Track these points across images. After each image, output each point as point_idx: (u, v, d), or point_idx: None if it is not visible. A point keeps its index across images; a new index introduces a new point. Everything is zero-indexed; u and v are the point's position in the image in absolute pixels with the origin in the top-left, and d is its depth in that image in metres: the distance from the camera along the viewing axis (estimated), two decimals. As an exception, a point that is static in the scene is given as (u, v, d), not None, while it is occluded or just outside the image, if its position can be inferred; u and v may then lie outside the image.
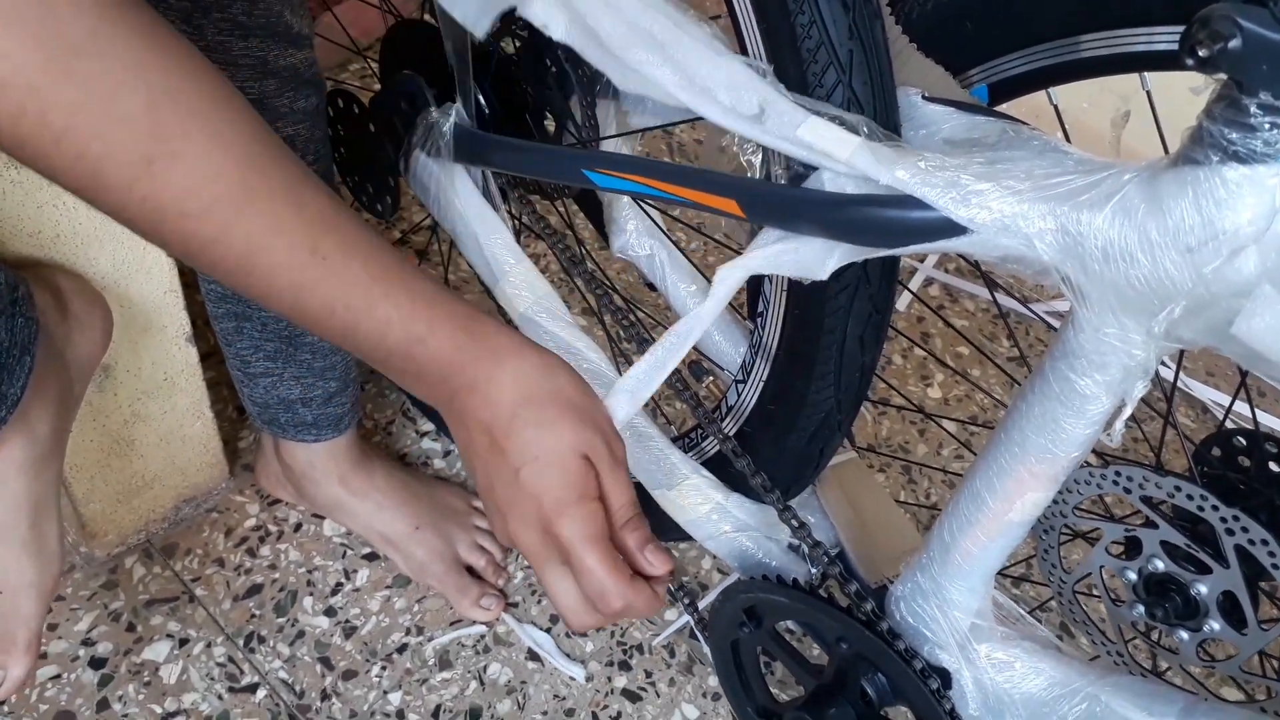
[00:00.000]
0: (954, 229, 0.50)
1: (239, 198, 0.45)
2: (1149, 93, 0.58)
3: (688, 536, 0.81)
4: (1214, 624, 0.61)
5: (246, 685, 0.94)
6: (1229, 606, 0.61)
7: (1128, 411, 0.49)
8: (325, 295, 0.48)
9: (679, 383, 0.73)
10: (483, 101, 0.80)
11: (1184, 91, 0.46)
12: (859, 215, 0.52)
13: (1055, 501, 0.65)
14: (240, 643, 0.97)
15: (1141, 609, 0.65)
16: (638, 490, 0.81)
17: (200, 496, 1.04)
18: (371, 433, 1.15)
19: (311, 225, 0.48)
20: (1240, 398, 0.70)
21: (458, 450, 0.55)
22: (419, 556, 1.02)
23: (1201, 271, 0.43)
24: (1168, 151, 0.47)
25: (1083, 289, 0.48)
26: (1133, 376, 0.49)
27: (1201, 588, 0.61)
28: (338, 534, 1.06)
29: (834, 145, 0.51)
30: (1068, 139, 0.54)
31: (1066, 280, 0.48)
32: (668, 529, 0.82)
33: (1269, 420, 1.31)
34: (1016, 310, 1.39)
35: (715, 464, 0.81)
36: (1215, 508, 0.58)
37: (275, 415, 0.96)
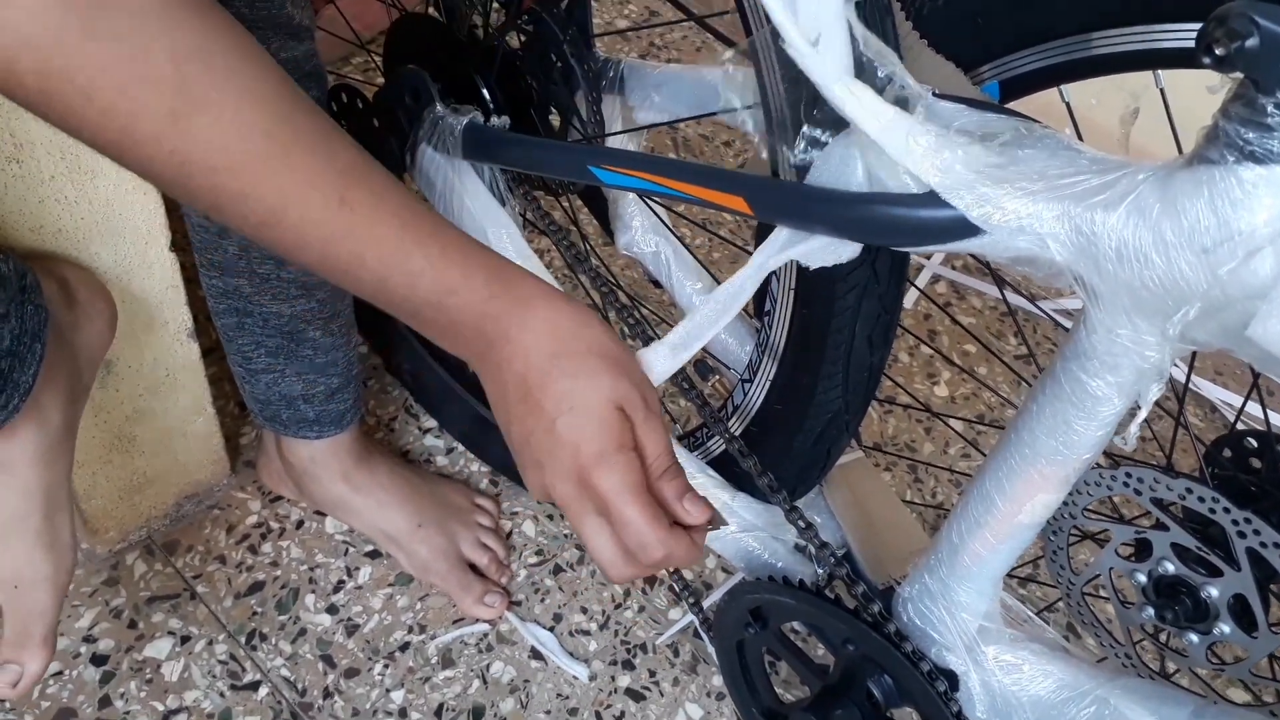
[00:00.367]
0: (968, 229, 0.49)
1: (269, 152, 0.45)
2: (1163, 90, 0.57)
3: (692, 536, 0.80)
4: (1224, 627, 0.61)
5: (248, 683, 0.94)
6: (1240, 609, 0.60)
7: (1143, 414, 0.48)
8: (355, 246, 0.48)
9: (684, 381, 0.72)
10: (487, 97, 0.80)
11: (1194, 89, 0.45)
12: (870, 214, 0.52)
13: (1064, 503, 0.64)
14: (242, 640, 0.96)
15: (1151, 611, 0.64)
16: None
17: (202, 493, 1.04)
18: (374, 429, 1.14)
19: (342, 176, 0.47)
20: (1252, 398, 0.70)
21: (491, 405, 0.54)
22: (421, 554, 1.02)
23: (1217, 273, 0.42)
24: (1180, 150, 0.46)
25: (1096, 290, 0.47)
26: (1146, 378, 0.49)
27: (1212, 590, 0.61)
28: (340, 531, 1.05)
29: (867, 112, 0.50)
30: (1079, 137, 0.53)
31: (1080, 281, 0.47)
32: (672, 528, 0.82)
33: None
34: (1025, 308, 1.39)
35: (721, 463, 0.80)
36: (1227, 510, 0.57)
37: (277, 412, 0.96)
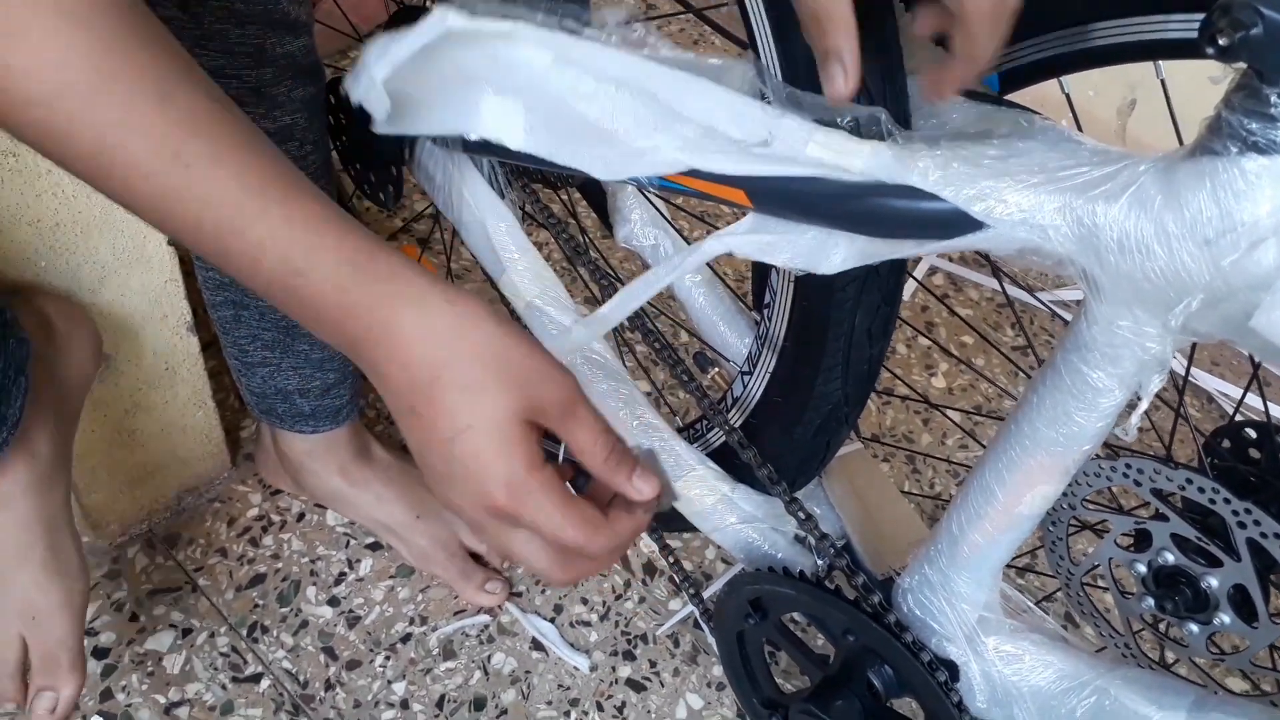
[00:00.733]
0: (970, 223, 0.49)
1: (92, 84, 0.40)
2: (1163, 81, 0.57)
3: (692, 527, 0.80)
4: (1224, 617, 0.61)
5: (250, 675, 0.94)
6: (1240, 599, 0.60)
7: (1143, 406, 0.48)
8: (190, 208, 0.43)
9: (684, 374, 0.72)
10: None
11: (1192, 80, 0.45)
12: (872, 207, 0.51)
13: (1064, 493, 0.64)
14: (244, 633, 0.96)
15: (1151, 601, 0.64)
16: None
17: (202, 486, 1.04)
18: (374, 421, 1.14)
19: (177, 125, 0.42)
20: (1251, 389, 0.70)
21: (390, 411, 0.49)
22: (421, 545, 1.02)
23: (1220, 264, 0.42)
24: (1181, 142, 0.46)
25: (1098, 281, 0.47)
26: (1147, 370, 0.49)
27: (1212, 581, 0.61)
28: (341, 523, 1.05)
29: (846, 157, 0.50)
30: (1079, 128, 0.53)
31: (1082, 273, 0.47)
32: (673, 520, 0.82)
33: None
34: (1022, 299, 1.39)
35: (721, 455, 0.80)
36: (1227, 500, 0.57)
37: (273, 405, 0.96)
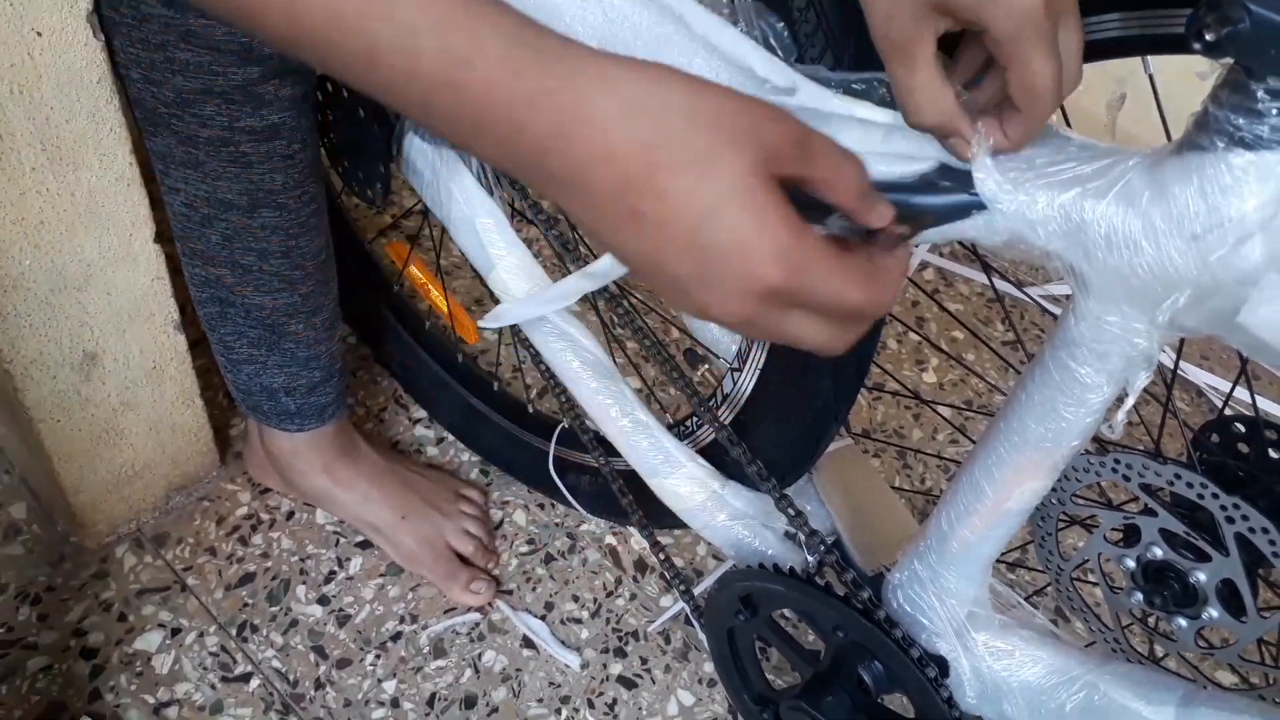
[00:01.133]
0: (959, 213, 0.49)
1: None
2: (1151, 76, 0.57)
3: (684, 524, 0.80)
4: (1213, 611, 0.61)
5: (240, 675, 0.94)
6: (1228, 594, 0.61)
7: (1130, 402, 0.48)
8: None
9: (674, 370, 0.72)
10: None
11: (1181, 75, 0.45)
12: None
13: (1053, 489, 0.64)
14: (233, 632, 0.96)
15: (1140, 596, 0.64)
16: (632, 478, 0.81)
17: (191, 485, 1.03)
18: (363, 419, 1.14)
19: None
20: (1240, 384, 0.70)
21: (585, 234, 0.42)
22: (407, 544, 1.01)
23: (1207, 259, 0.42)
24: (1170, 137, 0.46)
25: (1085, 277, 0.47)
26: (1135, 365, 0.49)
27: (1200, 575, 0.61)
28: (330, 522, 1.05)
29: (872, 113, 0.50)
30: (1068, 123, 0.53)
31: (1069, 268, 0.48)
32: (663, 516, 0.82)
33: (1269, 406, 1.31)
34: (1012, 294, 1.39)
35: (711, 452, 0.80)
36: (1215, 495, 0.57)
37: (258, 403, 0.95)
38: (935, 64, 0.45)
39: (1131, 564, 0.64)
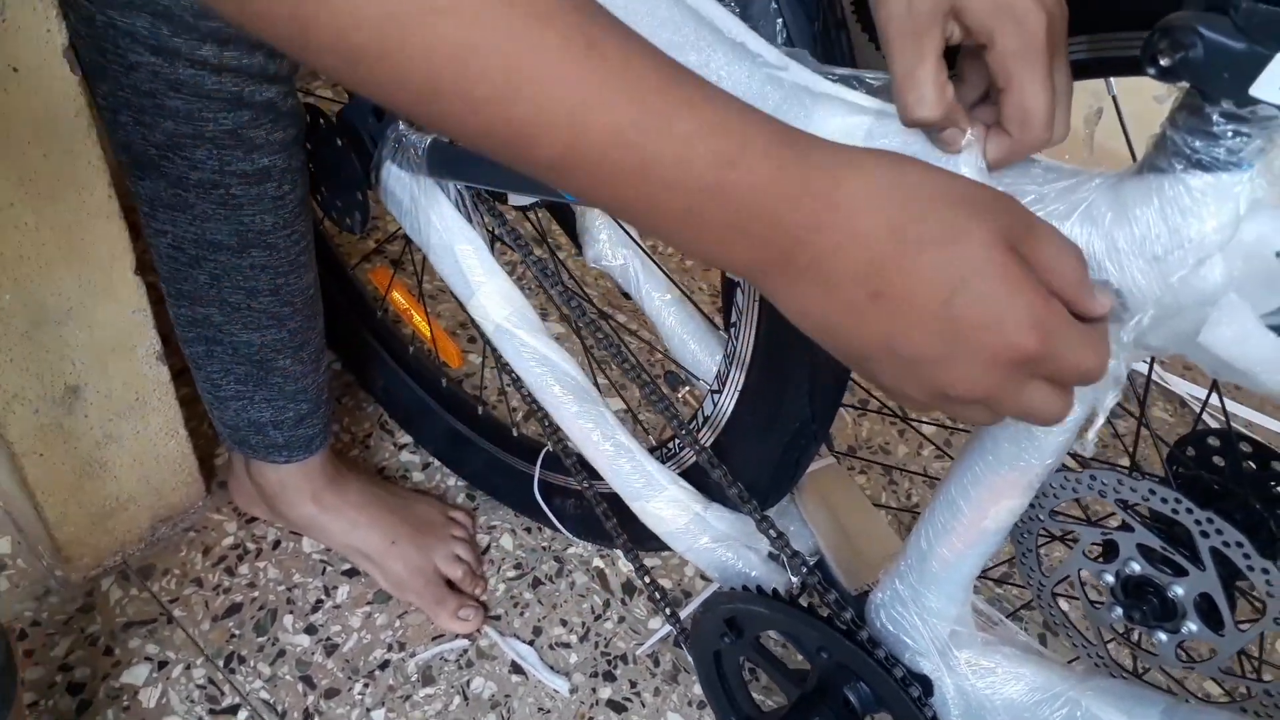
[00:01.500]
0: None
1: None
2: (1115, 98, 0.58)
3: (668, 546, 0.80)
4: (1192, 625, 0.61)
5: (227, 706, 0.93)
6: (1206, 608, 0.61)
7: (1099, 422, 0.49)
8: (611, 111, 0.36)
9: (655, 393, 0.72)
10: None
11: (1155, 94, 0.46)
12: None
13: (1032, 505, 0.65)
14: (220, 663, 0.96)
15: (1119, 611, 0.65)
16: (616, 502, 0.81)
17: (177, 516, 1.03)
18: (349, 446, 1.14)
19: (581, 12, 0.36)
20: (1219, 395, 0.70)
21: (807, 324, 0.42)
22: (396, 571, 1.01)
23: (1168, 280, 0.43)
24: (1135, 158, 0.46)
25: (1052, 298, 0.48)
26: (1104, 385, 0.49)
27: (1178, 589, 0.61)
28: (317, 551, 1.05)
29: (858, 99, 0.51)
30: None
31: (1035, 289, 0.48)
32: (649, 539, 0.82)
33: (1253, 416, 1.32)
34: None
35: (693, 474, 0.80)
36: (1190, 510, 0.58)
37: (245, 437, 0.95)
38: (942, 60, 0.46)
39: (1111, 579, 0.65)
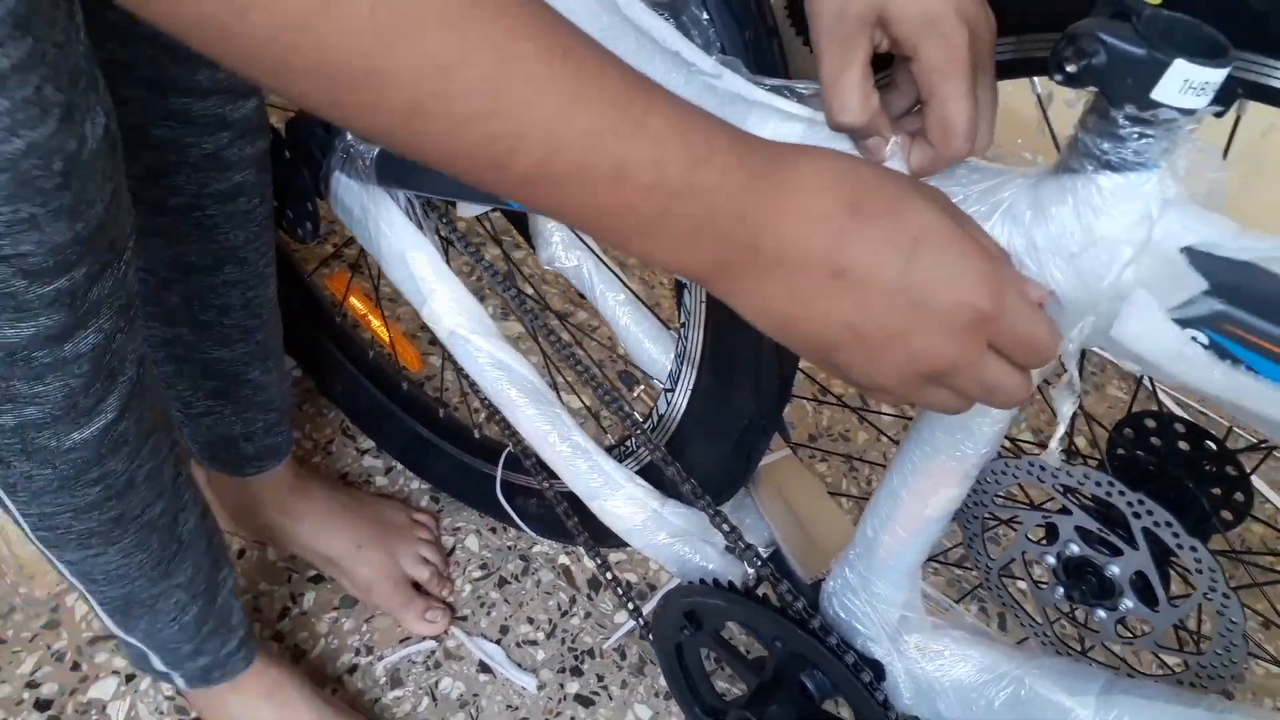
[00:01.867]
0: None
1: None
2: (1039, 97, 0.59)
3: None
4: (1128, 602, 0.64)
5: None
6: (1141, 585, 0.63)
7: (1060, 431, 0.51)
8: (589, 117, 0.36)
9: (608, 396, 0.73)
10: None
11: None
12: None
13: (975, 492, 0.66)
14: (188, 674, 0.96)
15: (1061, 591, 0.67)
16: (577, 500, 0.83)
17: (140, 529, 1.03)
18: (311, 453, 1.14)
19: (551, 21, 0.37)
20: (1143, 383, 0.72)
21: (765, 319, 0.43)
22: (363, 575, 1.02)
23: (1084, 277, 0.45)
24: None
25: (978, 294, 0.49)
26: (1035, 375, 0.51)
27: (1115, 569, 0.63)
28: (281, 559, 1.05)
29: (791, 108, 0.52)
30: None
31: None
32: (610, 536, 0.83)
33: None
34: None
35: (650, 471, 0.82)
36: (1122, 493, 0.60)
37: (217, 454, 0.96)
38: (869, 67, 0.47)
39: (1053, 560, 0.67)
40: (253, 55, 0.34)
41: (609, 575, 0.86)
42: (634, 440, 0.83)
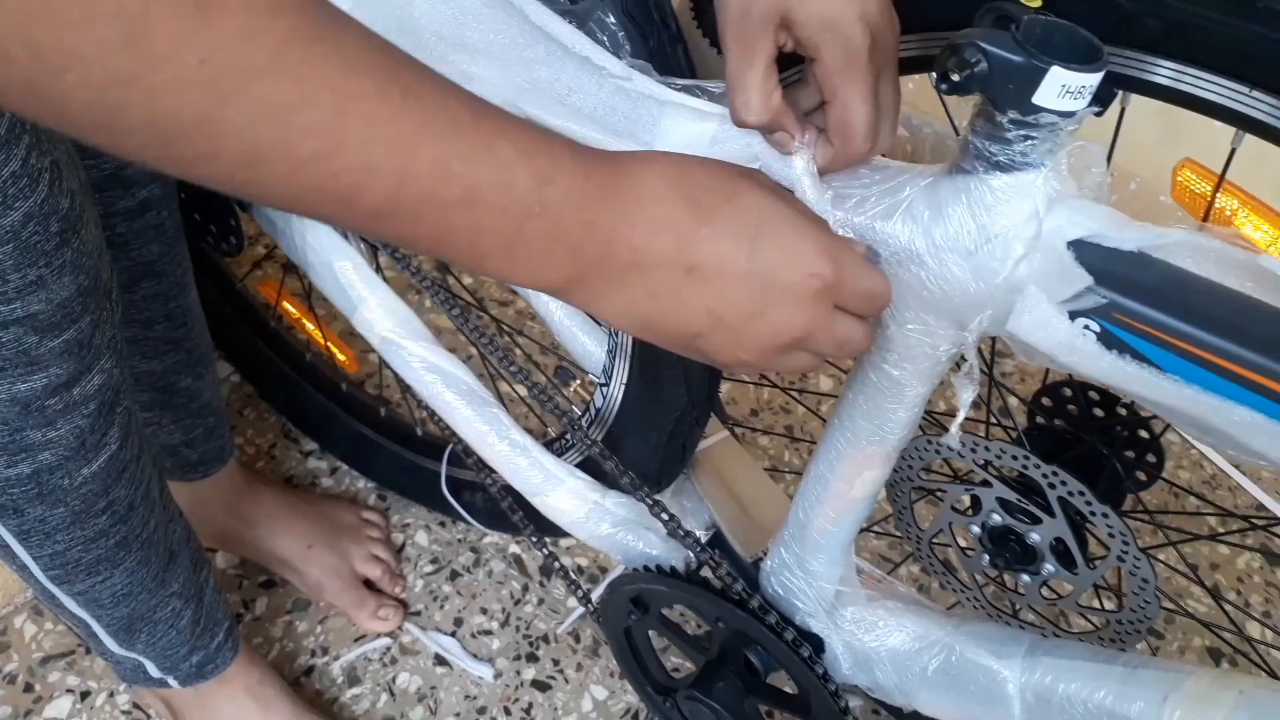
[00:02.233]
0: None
1: (304, 37, 0.34)
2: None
3: (573, 533, 0.83)
4: (1050, 567, 0.67)
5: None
6: (1061, 550, 0.66)
7: (961, 416, 0.53)
8: (434, 147, 0.37)
9: (542, 394, 0.75)
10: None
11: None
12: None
13: (900, 469, 0.69)
14: (143, 688, 0.96)
15: (987, 558, 0.70)
16: (517, 494, 0.84)
17: (85, 546, 1.03)
18: (255, 458, 1.14)
19: (390, 58, 0.37)
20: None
21: (626, 320, 0.45)
22: (314, 575, 1.03)
23: (980, 272, 0.47)
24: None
25: (885, 291, 0.51)
26: (942, 365, 0.53)
27: (1035, 536, 0.66)
28: (231, 565, 1.05)
29: (703, 108, 0.54)
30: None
31: (870, 283, 0.51)
32: (553, 527, 0.85)
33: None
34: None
35: (591, 463, 0.83)
36: (1037, 465, 0.63)
37: (161, 461, 0.95)
38: (772, 66, 0.48)
39: (978, 530, 0.70)
40: (75, 116, 0.32)
41: (558, 565, 0.88)
42: (571, 435, 0.84)
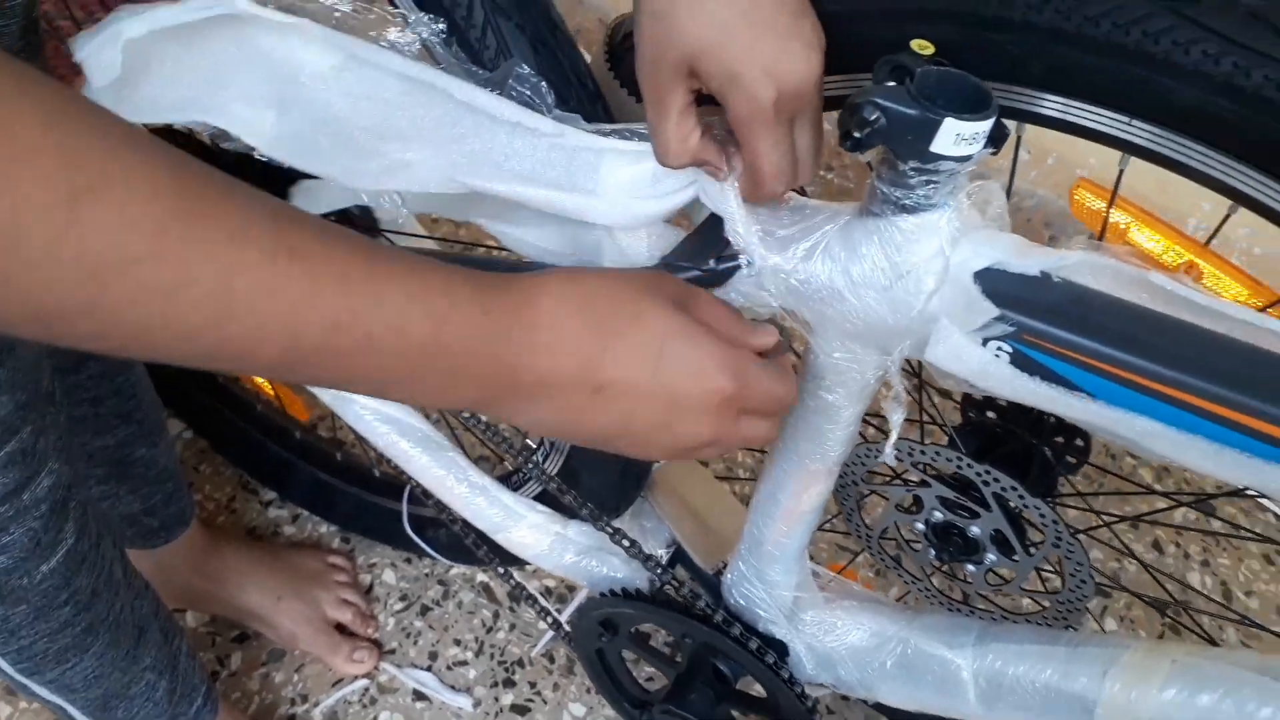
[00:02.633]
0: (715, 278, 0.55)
1: (184, 215, 0.34)
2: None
3: (537, 563, 0.86)
4: (991, 556, 0.71)
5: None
6: (1000, 540, 0.70)
7: (894, 436, 0.56)
8: (324, 305, 0.37)
9: (495, 434, 0.77)
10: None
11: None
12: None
13: (844, 475, 0.73)
14: (126, 755, 0.97)
15: (932, 552, 0.74)
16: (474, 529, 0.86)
17: (52, 619, 1.03)
18: (215, 514, 1.15)
19: (274, 221, 0.37)
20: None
21: (552, 431, 0.47)
22: (286, 625, 1.04)
23: (896, 306, 0.50)
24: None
25: (810, 323, 0.54)
26: (870, 387, 0.57)
27: (975, 529, 0.70)
28: (201, 624, 1.06)
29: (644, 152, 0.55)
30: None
31: (795, 317, 0.55)
32: (517, 558, 0.87)
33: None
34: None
35: (549, 494, 0.85)
36: (970, 465, 0.66)
37: (122, 532, 0.96)
38: (686, 113, 0.50)
39: (921, 526, 0.73)
40: None
41: (525, 593, 0.90)
42: (527, 470, 0.86)
